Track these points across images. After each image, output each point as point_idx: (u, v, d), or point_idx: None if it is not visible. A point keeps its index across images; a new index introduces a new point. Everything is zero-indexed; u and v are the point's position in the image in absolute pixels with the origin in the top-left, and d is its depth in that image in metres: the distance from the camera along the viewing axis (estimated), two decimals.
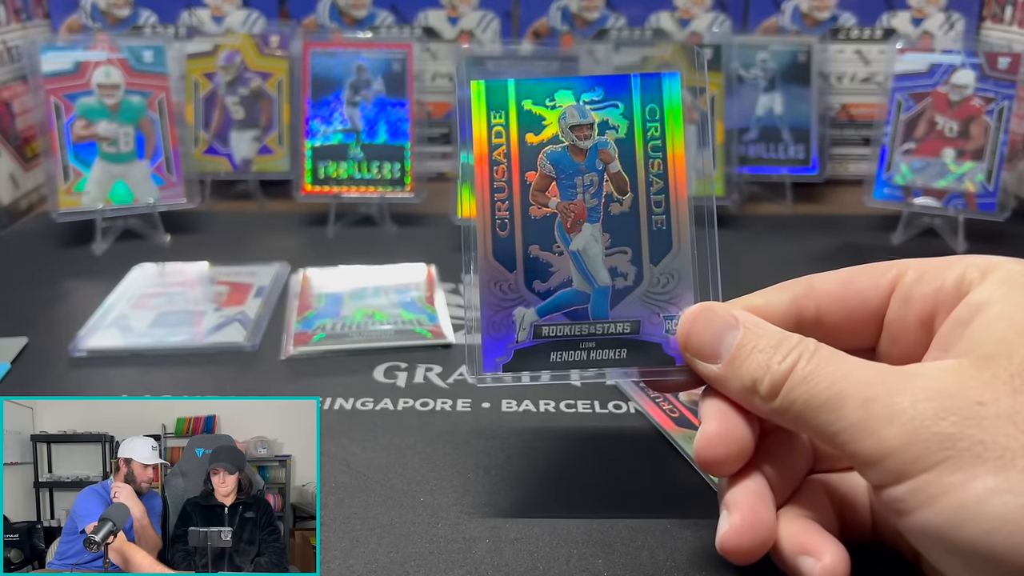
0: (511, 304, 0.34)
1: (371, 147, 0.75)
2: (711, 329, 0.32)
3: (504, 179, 0.34)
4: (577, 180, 0.34)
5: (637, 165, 0.34)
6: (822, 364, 0.28)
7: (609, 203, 0.34)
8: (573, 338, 0.34)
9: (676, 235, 0.34)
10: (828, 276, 0.33)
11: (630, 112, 0.34)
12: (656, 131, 0.34)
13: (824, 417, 0.27)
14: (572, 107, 0.34)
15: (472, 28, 0.87)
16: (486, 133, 0.35)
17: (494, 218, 0.34)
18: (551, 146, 0.34)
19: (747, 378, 0.30)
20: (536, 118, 0.34)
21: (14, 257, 0.70)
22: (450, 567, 0.34)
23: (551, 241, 0.34)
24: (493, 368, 0.34)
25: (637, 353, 0.34)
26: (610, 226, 0.34)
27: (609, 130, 0.35)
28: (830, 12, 0.85)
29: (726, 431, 0.31)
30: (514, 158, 0.34)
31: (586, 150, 0.34)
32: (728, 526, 0.30)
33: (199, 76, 0.80)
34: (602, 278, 0.34)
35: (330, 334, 0.54)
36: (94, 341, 0.53)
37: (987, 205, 0.69)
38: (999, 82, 0.69)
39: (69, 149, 0.70)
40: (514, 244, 0.34)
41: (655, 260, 0.34)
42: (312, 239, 0.74)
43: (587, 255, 0.34)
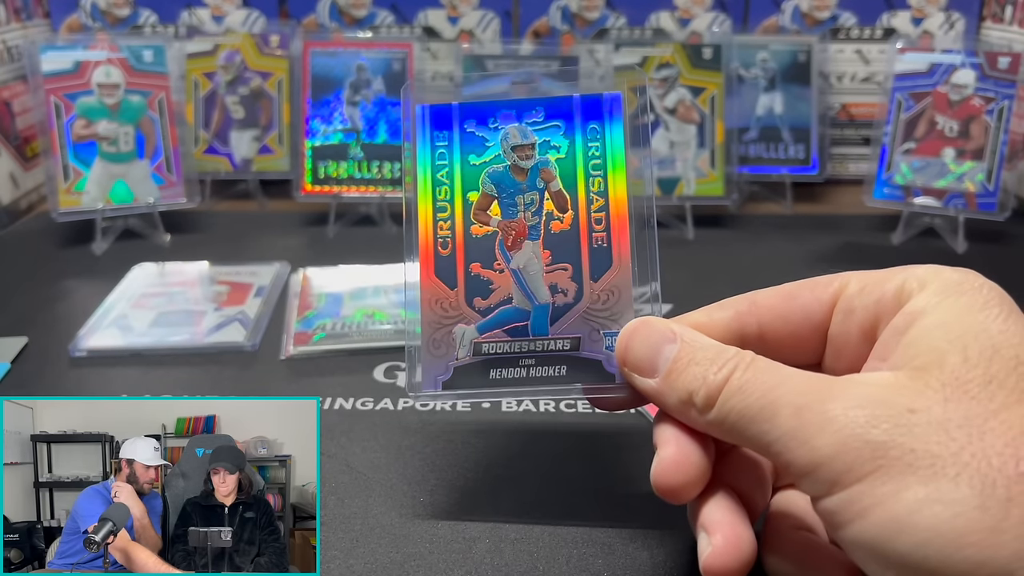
0: (452, 322, 0.34)
1: (371, 147, 0.75)
2: (649, 343, 0.31)
3: (447, 199, 0.35)
4: (518, 199, 0.35)
5: (578, 184, 0.35)
6: (757, 374, 0.28)
7: (550, 221, 0.35)
8: (513, 355, 0.34)
9: (616, 252, 0.34)
10: (770, 292, 0.33)
11: (571, 132, 0.35)
12: (597, 151, 0.35)
13: (759, 427, 0.27)
14: (514, 127, 0.35)
15: (472, 28, 0.87)
16: (429, 155, 0.35)
17: (436, 237, 0.35)
18: (493, 166, 0.35)
19: (683, 391, 0.29)
20: (479, 140, 0.35)
21: (14, 257, 0.70)
22: (450, 567, 0.34)
23: (492, 259, 0.35)
24: (432, 386, 0.34)
25: (577, 370, 0.34)
26: (551, 243, 0.35)
27: (550, 150, 0.35)
28: (830, 12, 0.85)
29: (682, 457, 0.30)
30: (456, 178, 0.35)
31: (527, 169, 0.35)
32: (711, 548, 0.29)
33: (199, 76, 0.80)
34: (542, 295, 0.34)
35: (330, 334, 0.54)
36: (94, 341, 0.53)
37: (987, 205, 0.69)
38: (999, 82, 0.69)
39: (69, 149, 0.70)
40: (455, 263, 0.35)
41: (595, 276, 0.34)
42: (312, 239, 0.74)
43: (527, 272, 0.34)
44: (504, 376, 0.34)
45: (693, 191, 0.74)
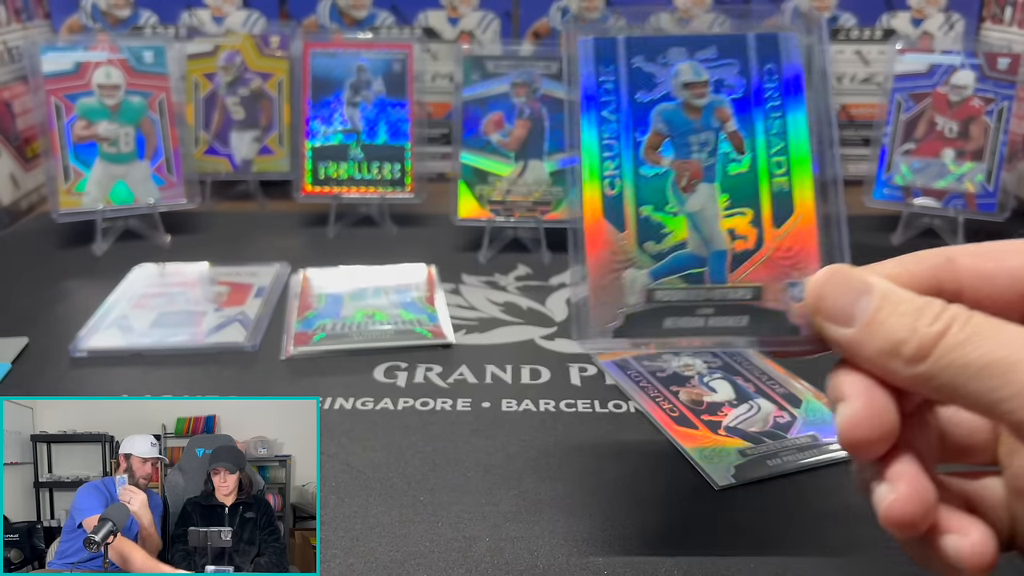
0: (621, 267, 0.32)
1: (371, 147, 0.75)
2: (845, 291, 0.29)
3: (612, 136, 0.33)
4: (692, 139, 0.33)
5: (755, 125, 0.33)
6: (980, 329, 0.27)
7: (727, 162, 0.33)
8: (689, 303, 0.32)
9: (799, 198, 0.32)
10: (968, 250, 0.31)
11: (746, 69, 0.33)
12: (773, 92, 0.33)
13: (983, 384, 0.26)
14: (686, 64, 0.33)
15: (472, 29, 0.87)
16: (594, 90, 0.33)
17: (602, 176, 0.32)
18: (664, 104, 0.33)
19: (886, 341, 0.28)
20: (647, 76, 0.33)
21: (14, 257, 0.70)
22: (450, 566, 0.34)
23: (664, 201, 0.32)
24: (600, 333, 0.32)
25: (759, 320, 0.32)
26: (728, 186, 0.32)
27: (724, 89, 0.33)
28: (830, 12, 0.85)
29: (874, 411, 0.29)
30: (624, 114, 0.33)
31: (701, 108, 0.33)
32: (894, 496, 0.28)
33: (199, 76, 0.80)
34: (719, 241, 0.32)
35: (330, 334, 0.54)
36: (95, 341, 0.53)
37: (987, 205, 0.69)
38: (999, 82, 0.69)
39: (70, 149, 0.70)
40: (622, 204, 0.32)
41: (777, 223, 0.32)
42: (312, 239, 0.74)
43: (703, 216, 0.32)
44: (680, 326, 0.32)
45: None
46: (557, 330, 0.56)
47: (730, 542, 0.36)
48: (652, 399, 0.46)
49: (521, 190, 0.69)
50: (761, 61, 0.33)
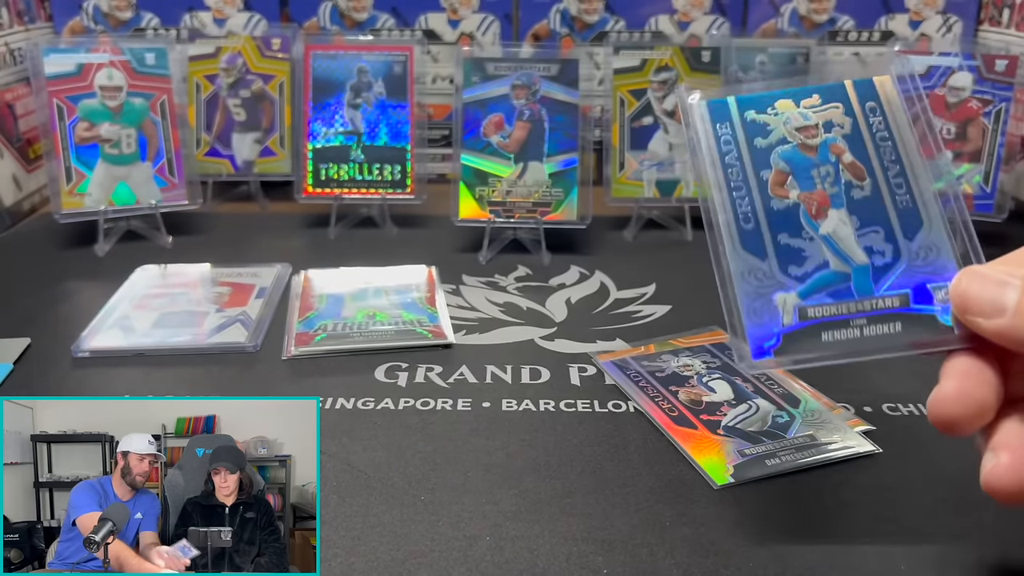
0: (768, 290, 0.35)
1: (372, 149, 0.75)
2: (988, 285, 0.31)
3: (739, 179, 0.36)
4: (813, 172, 0.36)
5: (869, 155, 0.36)
6: None
7: (850, 189, 0.36)
8: (842, 317, 0.34)
9: (924, 211, 0.35)
10: None
11: (851, 111, 0.37)
12: (880, 124, 0.36)
13: None
14: (795, 111, 0.37)
15: (472, 31, 0.87)
16: (714, 143, 0.37)
17: (736, 212, 0.36)
18: (781, 146, 0.36)
19: None
20: (761, 125, 0.37)
21: (17, 258, 0.70)
22: (451, 565, 0.35)
23: (799, 228, 0.35)
24: (762, 355, 0.34)
25: (911, 325, 0.34)
26: (855, 209, 0.36)
27: (835, 127, 0.37)
28: (828, 15, 0.85)
29: (965, 391, 0.30)
30: (746, 160, 0.36)
31: (816, 146, 0.36)
32: (995, 463, 0.29)
33: (201, 78, 0.81)
34: (859, 257, 0.35)
35: (331, 334, 0.54)
36: (96, 342, 0.54)
37: (984, 207, 0.69)
38: (996, 84, 0.69)
39: (72, 151, 0.70)
40: (761, 234, 0.35)
41: (909, 236, 0.35)
42: (313, 240, 0.74)
43: (838, 237, 0.35)
44: (837, 338, 0.34)
45: (692, 193, 0.74)
46: (557, 330, 0.56)
47: (729, 542, 0.36)
48: (651, 399, 0.46)
49: (521, 191, 0.70)
50: (862, 100, 0.37)
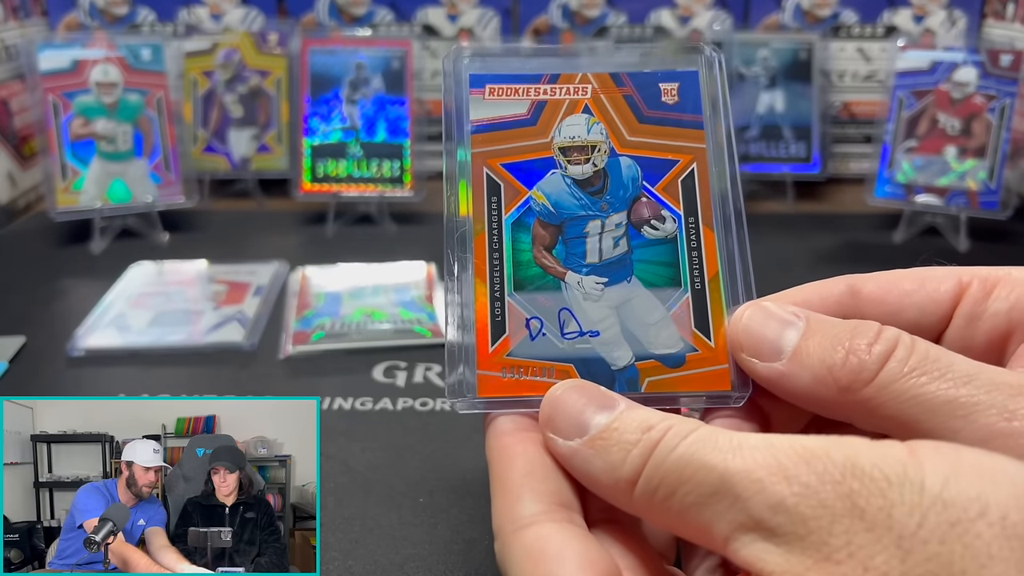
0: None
1: (370, 145, 0.75)
2: (768, 323, 0.27)
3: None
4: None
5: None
6: (931, 357, 0.24)
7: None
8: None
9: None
10: (871, 280, 0.29)
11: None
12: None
13: (944, 422, 0.23)
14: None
15: (472, 26, 0.86)
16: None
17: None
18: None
19: (820, 367, 0.25)
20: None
21: (12, 256, 0.69)
22: (450, 568, 0.34)
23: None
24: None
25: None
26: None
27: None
28: (831, 9, 0.85)
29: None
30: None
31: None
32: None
33: (197, 74, 0.80)
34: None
35: (329, 333, 0.54)
36: (92, 340, 0.53)
37: (989, 203, 0.69)
38: (1001, 79, 0.69)
39: (67, 147, 0.69)
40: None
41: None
42: (311, 238, 0.74)
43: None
44: None
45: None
46: None
47: None
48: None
49: None
50: None
